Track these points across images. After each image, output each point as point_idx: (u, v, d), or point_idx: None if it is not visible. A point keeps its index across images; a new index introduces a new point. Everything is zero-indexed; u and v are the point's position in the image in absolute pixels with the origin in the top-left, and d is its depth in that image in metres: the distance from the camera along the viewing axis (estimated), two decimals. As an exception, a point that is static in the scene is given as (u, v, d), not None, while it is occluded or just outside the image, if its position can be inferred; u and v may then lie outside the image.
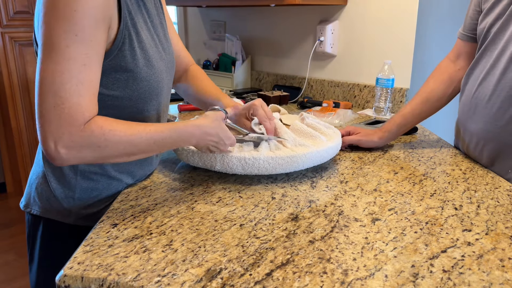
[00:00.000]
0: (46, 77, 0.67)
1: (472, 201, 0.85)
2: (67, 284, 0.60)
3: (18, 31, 2.88)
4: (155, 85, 0.85)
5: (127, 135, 0.74)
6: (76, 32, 0.67)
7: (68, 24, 0.67)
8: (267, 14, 2.11)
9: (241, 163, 0.91)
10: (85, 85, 0.69)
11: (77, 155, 0.71)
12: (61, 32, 0.67)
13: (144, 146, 0.77)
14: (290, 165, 0.93)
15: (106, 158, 0.75)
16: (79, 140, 0.70)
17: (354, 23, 1.79)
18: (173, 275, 0.60)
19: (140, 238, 0.70)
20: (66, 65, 0.67)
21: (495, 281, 0.60)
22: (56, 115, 0.68)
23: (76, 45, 0.68)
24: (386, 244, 0.69)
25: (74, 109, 0.69)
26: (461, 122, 1.14)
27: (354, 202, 0.85)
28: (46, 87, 0.67)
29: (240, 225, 0.75)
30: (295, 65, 2.05)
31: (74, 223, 0.87)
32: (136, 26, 0.79)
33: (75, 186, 0.86)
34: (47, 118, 0.68)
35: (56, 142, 0.68)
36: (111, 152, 0.74)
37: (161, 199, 0.85)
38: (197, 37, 2.54)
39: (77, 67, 0.68)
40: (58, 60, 0.67)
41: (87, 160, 0.73)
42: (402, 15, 1.65)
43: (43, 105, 0.68)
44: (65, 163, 0.71)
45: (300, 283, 0.59)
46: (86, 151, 0.71)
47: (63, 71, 0.67)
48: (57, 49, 0.67)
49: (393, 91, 1.68)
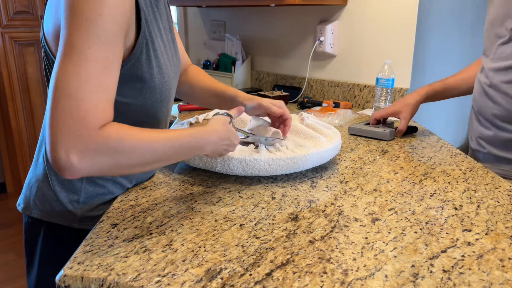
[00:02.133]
0: (62, 79, 0.63)
1: (472, 201, 0.85)
2: (67, 284, 0.60)
3: (18, 31, 2.88)
4: (166, 93, 0.84)
5: (146, 140, 0.70)
6: (98, 35, 0.65)
7: (91, 26, 0.64)
8: (267, 14, 2.11)
9: (241, 165, 0.91)
10: (103, 88, 0.66)
11: (90, 163, 0.64)
12: (84, 34, 0.64)
13: (161, 153, 0.72)
14: (291, 166, 0.93)
15: (122, 167, 0.69)
16: (94, 145, 0.64)
17: (354, 23, 1.79)
18: (173, 275, 0.60)
19: (140, 238, 0.70)
20: (86, 66, 0.64)
21: (495, 281, 0.60)
22: (70, 118, 0.62)
23: (98, 47, 0.65)
24: (386, 244, 0.69)
25: (91, 112, 0.64)
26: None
27: (354, 202, 0.85)
28: (61, 89, 0.63)
29: (240, 225, 0.75)
30: (295, 65, 2.05)
31: (78, 226, 0.86)
32: (151, 34, 0.78)
33: (80, 190, 0.84)
34: (59, 122, 0.62)
35: (67, 150, 0.62)
36: (129, 159, 0.69)
37: (161, 199, 0.85)
38: (197, 37, 2.54)
39: (97, 70, 0.65)
40: (77, 61, 0.64)
41: (101, 169, 0.66)
42: (402, 15, 1.65)
43: (57, 107, 0.63)
44: (76, 174, 0.63)
45: (300, 283, 0.59)
46: (101, 158, 0.65)
47: (81, 72, 0.64)
48: (78, 50, 0.64)
49: (393, 91, 1.68)
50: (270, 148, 0.96)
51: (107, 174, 0.72)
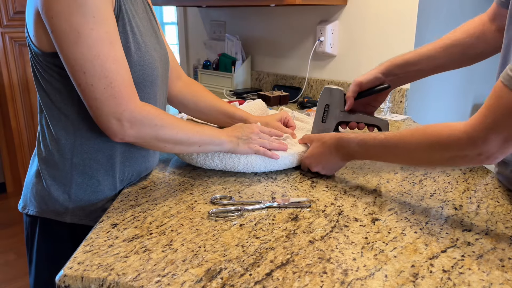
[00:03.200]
0: (83, 64, 0.71)
1: (472, 201, 0.85)
2: (67, 284, 0.60)
3: (18, 31, 2.88)
4: (149, 72, 0.85)
5: (178, 120, 0.85)
6: (93, 14, 0.70)
7: (83, 8, 0.69)
8: (267, 14, 2.11)
9: (219, 158, 0.96)
10: (119, 61, 0.74)
11: (138, 131, 0.78)
12: (80, 17, 0.69)
13: (190, 135, 0.87)
14: (269, 162, 0.97)
15: (159, 139, 0.82)
16: (139, 116, 0.77)
17: (354, 23, 1.79)
18: (173, 275, 0.60)
19: (140, 238, 0.70)
20: (97, 46, 0.71)
21: (495, 281, 0.60)
22: (110, 95, 0.73)
23: (98, 25, 0.71)
24: (386, 244, 0.69)
25: (124, 86, 0.74)
26: None
27: (354, 202, 0.85)
28: (89, 73, 0.71)
29: (240, 225, 0.75)
30: (295, 65, 2.05)
31: (70, 221, 0.87)
32: (127, 12, 0.81)
33: (71, 181, 0.85)
34: (103, 100, 0.73)
35: (119, 118, 0.75)
36: (166, 133, 0.82)
37: (161, 199, 0.85)
38: (197, 37, 2.54)
39: (106, 46, 0.72)
40: (88, 44, 0.71)
41: (145, 138, 0.80)
42: (402, 15, 1.65)
43: (94, 90, 0.73)
44: (126, 137, 0.78)
45: (300, 283, 0.59)
46: (145, 128, 0.79)
47: (98, 53, 0.71)
48: (83, 34, 0.70)
49: (393, 91, 1.68)
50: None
51: (147, 144, 0.83)
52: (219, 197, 0.85)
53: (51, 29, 0.71)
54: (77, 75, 0.72)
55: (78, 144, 0.84)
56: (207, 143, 0.91)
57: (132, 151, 0.89)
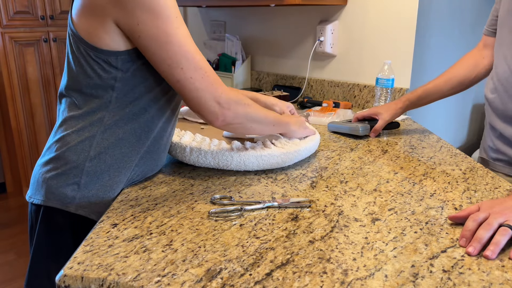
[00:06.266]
0: (179, 60, 0.79)
1: (472, 201, 0.85)
2: (67, 284, 0.60)
3: (18, 31, 2.88)
4: None
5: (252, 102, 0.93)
6: (175, 15, 0.78)
7: (167, 11, 0.77)
8: (267, 14, 2.11)
9: (212, 156, 0.96)
10: (200, 52, 0.81)
11: (234, 111, 0.86)
12: (165, 19, 0.77)
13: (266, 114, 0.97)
14: (262, 161, 0.98)
15: (249, 119, 0.91)
16: (233, 97, 0.86)
17: (354, 23, 1.79)
18: (173, 275, 0.60)
19: (140, 238, 0.70)
20: (185, 42, 0.79)
21: (495, 281, 0.60)
22: (208, 83, 0.82)
23: (180, 24, 0.79)
24: (386, 244, 0.69)
25: (212, 72, 0.83)
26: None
27: (354, 202, 0.85)
28: (186, 68, 0.79)
29: (240, 225, 0.75)
30: (295, 65, 2.05)
31: (74, 211, 0.86)
32: None
33: (82, 171, 0.85)
34: (203, 88, 0.81)
35: (218, 101, 0.83)
36: (253, 111, 0.91)
37: (161, 199, 0.85)
38: (197, 37, 2.54)
39: (190, 41, 0.80)
40: (178, 42, 0.78)
41: (240, 117, 0.89)
42: (402, 15, 1.65)
43: (194, 82, 0.81)
44: (227, 118, 0.86)
45: (300, 283, 0.59)
46: (239, 107, 0.88)
47: (188, 49, 0.79)
48: (171, 34, 0.77)
49: (393, 91, 1.68)
50: (259, 145, 1.01)
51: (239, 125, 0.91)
52: (219, 197, 0.85)
53: (139, 34, 0.77)
54: (175, 72, 0.79)
55: (99, 138, 0.84)
56: (278, 123, 1.01)
57: (151, 151, 0.91)
